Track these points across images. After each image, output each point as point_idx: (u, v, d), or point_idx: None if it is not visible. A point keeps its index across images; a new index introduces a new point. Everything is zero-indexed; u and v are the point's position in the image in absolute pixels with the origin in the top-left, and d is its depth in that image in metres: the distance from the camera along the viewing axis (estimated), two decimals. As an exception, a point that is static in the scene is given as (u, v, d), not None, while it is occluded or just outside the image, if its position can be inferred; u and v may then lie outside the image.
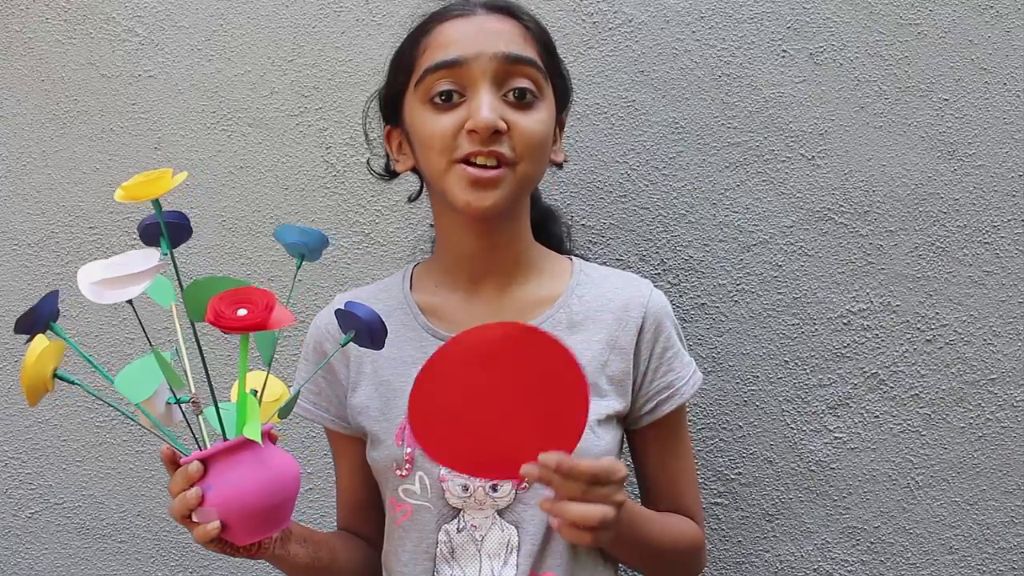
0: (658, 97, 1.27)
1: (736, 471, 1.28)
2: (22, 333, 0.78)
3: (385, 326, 0.84)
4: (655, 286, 1.06)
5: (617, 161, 1.27)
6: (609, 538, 0.86)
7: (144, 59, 1.33)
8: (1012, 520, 1.26)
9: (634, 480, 1.13)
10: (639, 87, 1.27)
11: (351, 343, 0.86)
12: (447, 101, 0.95)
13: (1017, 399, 1.25)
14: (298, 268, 0.86)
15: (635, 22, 1.27)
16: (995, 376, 1.25)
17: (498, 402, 0.80)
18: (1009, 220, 1.24)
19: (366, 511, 1.08)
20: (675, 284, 1.27)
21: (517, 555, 0.95)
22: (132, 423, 1.36)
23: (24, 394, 0.77)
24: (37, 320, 0.78)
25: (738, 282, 1.27)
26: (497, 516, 0.97)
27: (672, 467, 1.07)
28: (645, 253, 1.28)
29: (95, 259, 1.32)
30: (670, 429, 1.05)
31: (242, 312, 0.75)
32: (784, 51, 1.25)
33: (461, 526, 0.97)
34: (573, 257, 1.09)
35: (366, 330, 0.83)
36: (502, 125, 0.93)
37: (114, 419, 1.37)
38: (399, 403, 0.99)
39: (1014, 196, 1.24)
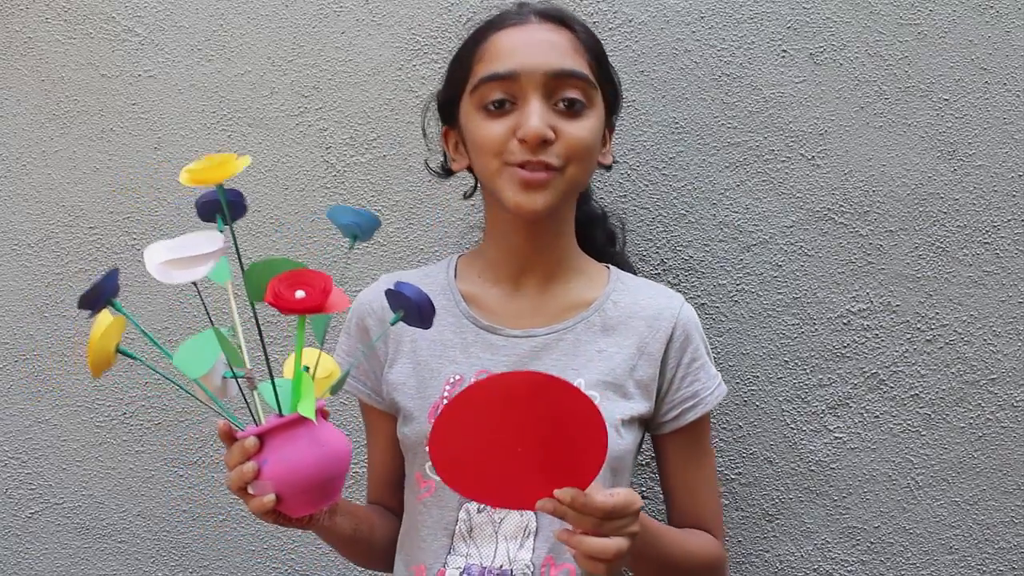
0: (658, 97, 1.27)
1: (736, 471, 1.28)
2: (85, 309, 0.80)
3: (433, 306, 0.86)
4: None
5: (617, 161, 1.27)
6: (624, 565, 0.88)
7: (144, 59, 1.33)
8: (1012, 520, 1.26)
9: (659, 488, 1.13)
10: (639, 87, 1.27)
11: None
12: (499, 108, 0.99)
13: (1017, 399, 1.25)
14: (351, 249, 0.88)
15: (635, 22, 1.27)
16: (995, 376, 1.25)
17: (517, 442, 0.82)
18: (1009, 220, 1.24)
19: (397, 486, 1.11)
20: (675, 284, 1.27)
21: (534, 539, 0.98)
22: (131, 423, 1.36)
23: (89, 368, 0.80)
24: (100, 296, 0.80)
25: (738, 282, 1.27)
26: None
27: (693, 476, 1.09)
28: (645, 253, 1.28)
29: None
30: (692, 438, 1.08)
31: (300, 294, 0.77)
32: (784, 51, 1.25)
33: (481, 507, 0.99)
34: (610, 265, 1.12)
35: (415, 310, 0.85)
36: (550, 134, 0.97)
37: (114, 419, 1.37)
38: (435, 383, 1.03)
39: (1014, 196, 1.24)
